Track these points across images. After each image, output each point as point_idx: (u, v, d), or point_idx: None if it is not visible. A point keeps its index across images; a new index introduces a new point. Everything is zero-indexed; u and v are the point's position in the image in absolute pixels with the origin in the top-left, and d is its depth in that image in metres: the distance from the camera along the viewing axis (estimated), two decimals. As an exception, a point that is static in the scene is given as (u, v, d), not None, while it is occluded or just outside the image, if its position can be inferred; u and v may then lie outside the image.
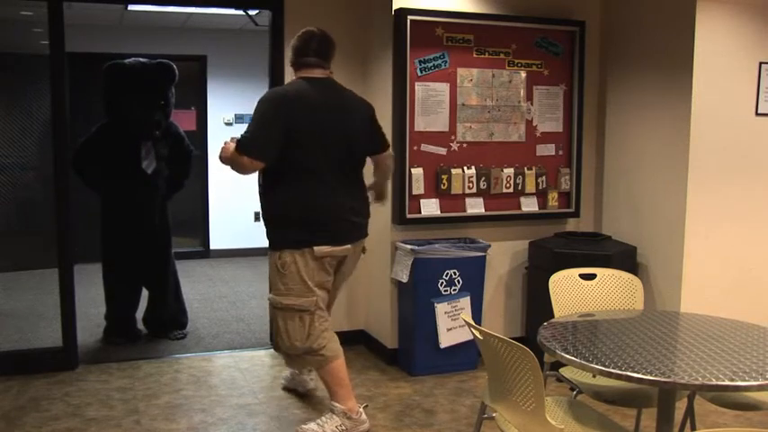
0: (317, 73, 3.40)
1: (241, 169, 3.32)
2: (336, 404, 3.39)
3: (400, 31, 4.26)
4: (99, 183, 4.90)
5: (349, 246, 3.38)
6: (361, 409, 3.43)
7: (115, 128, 4.83)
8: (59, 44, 4.17)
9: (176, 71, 4.98)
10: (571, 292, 3.14)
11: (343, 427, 3.37)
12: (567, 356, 2.31)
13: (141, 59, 4.93)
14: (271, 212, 3.38)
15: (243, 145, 3.22)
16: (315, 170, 3.27)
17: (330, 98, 3.37)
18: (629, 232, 4.56)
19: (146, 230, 4.90)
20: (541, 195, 4.71)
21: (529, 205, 4.69)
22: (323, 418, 3.41)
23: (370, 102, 3.65)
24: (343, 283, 3.68)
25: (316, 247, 3.26)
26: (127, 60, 4.88)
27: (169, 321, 5.14)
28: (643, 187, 4.46)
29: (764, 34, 4.17)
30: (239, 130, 3.31)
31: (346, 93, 3.50)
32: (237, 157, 3.23)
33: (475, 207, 4.54)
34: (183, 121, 7.87)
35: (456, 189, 4.47)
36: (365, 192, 3.57)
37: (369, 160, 3.61)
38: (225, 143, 3.35)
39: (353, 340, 4.79)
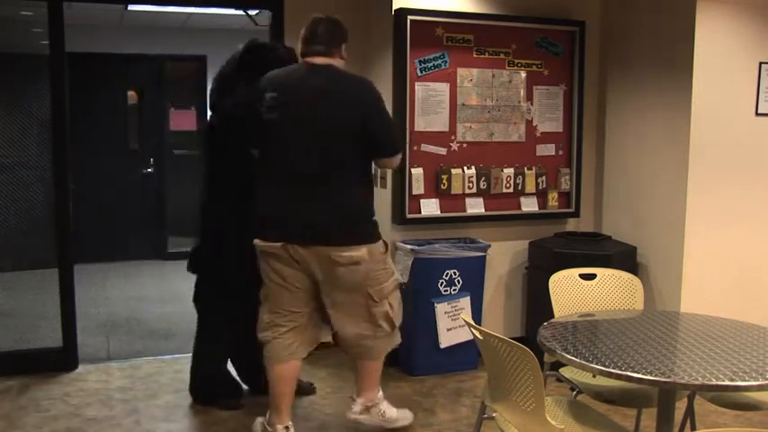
0: (318, 60, 3.23)
1: None
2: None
3: (400, 31, 4.26)
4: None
5: (278, 244, 3.15)
6: (281, 428, 3.30)
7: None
8: (59, 44, 4.17)
9: None
10: (571, 292, 3.14)
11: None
12: (567, 356, 2.31)
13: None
14: None
15: None
16: (275, 160, 3.22)
17: (316, 86, 3.18)
18: (629, 232, 4.56)
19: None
20: (541, 195, 4.71)
21: (529, 205, 4.69)
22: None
23: None
24: (335, 297, 3.28)
25: (255, 240, 3.27)
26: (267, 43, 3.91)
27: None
28: (643, 187, 4.46)
29: (764, 34, 4.17)
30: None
31: (343, 83, 3.23)
32: None
33: (475, 207, 4.54)
34: (183, 120, 7.89)
35: (456, 189, 4.47)
36: (353, 192, 3.21)
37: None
38: None
39: (353, 340, 4.78)
